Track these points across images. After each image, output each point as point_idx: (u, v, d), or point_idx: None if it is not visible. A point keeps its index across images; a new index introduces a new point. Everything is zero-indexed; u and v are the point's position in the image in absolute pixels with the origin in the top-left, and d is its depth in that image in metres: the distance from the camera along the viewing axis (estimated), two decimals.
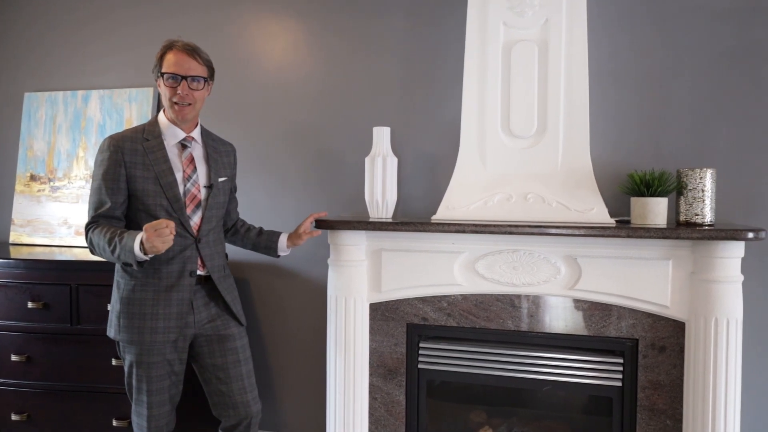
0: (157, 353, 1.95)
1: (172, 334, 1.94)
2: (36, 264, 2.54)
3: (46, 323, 2.54)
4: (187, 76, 1.92)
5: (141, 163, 1.92)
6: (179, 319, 1.94)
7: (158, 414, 1.99)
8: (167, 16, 3.00)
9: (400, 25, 2.69)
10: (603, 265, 2.17)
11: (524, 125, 2.34)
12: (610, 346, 2.21)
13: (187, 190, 1.96)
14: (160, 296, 1.92)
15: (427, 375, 2.39)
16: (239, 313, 2.09)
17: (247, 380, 2.08)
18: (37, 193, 3.12)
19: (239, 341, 2.08)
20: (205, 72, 1.98)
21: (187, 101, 1.94)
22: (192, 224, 1.97)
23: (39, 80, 3.20)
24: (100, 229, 1.86)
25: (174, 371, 2.01)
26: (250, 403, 2.08)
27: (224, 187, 2.09)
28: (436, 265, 2.32)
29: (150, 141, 1.96)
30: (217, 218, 2.07)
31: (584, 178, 2.27)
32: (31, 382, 2.56)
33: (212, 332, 2.03)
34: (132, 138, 1.96)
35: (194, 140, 2.04)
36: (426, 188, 2.65)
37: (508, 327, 2.29)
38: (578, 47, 2.29)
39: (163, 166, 1.94)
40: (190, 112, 1.96)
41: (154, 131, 1.98)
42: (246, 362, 2.09)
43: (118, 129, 3.00)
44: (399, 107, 2.69)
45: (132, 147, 1.93)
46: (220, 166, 2.09)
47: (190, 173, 1.98)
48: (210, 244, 2.03)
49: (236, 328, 2.08)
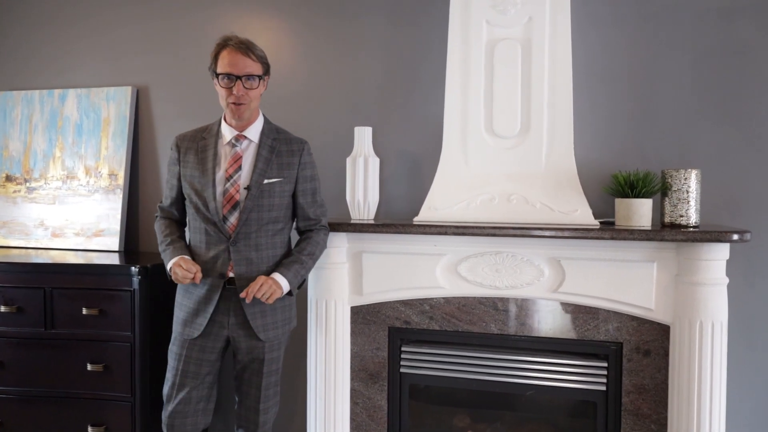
0: (179, 346, 1.99)
1: (189, 329, 1.96)
2: (8, 267, 2.48)
3: (19, 327, 2.47)
4: (242, 75, 1.89)
5: (192, 162, 1.99)
6: (202, 317, 1.94)
7: (182, 410, 1.98)
8: (147, 15, 2.94)
9: (382, 23, 2.65)
10: (587, 267, 2.13)
11: (507, 125, 2.30)
12: (595, 350, 2.18)
13: (225, 190, 1.94)
14: (192, 291, 1.97)
15: (409, 379, 2.35)
16: (257, 328, 1.97)
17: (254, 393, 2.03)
18: (13, 194, 3.05)
19: (248, 356, 2.00)
20: (260, 69, 1.94)
21: (244, 101, 1.92)
22: (227, 225, 1.93)
23: (14, 79, 3.12)
24: (159, 224, 2.10)
25: (197, 373, 1.98)
26: (251, 416, 2.05)
27: (274, 189, 1.97)
28: (418, 268, 2.27)
29: (205, 140, 2.00)
30: (260, 222, 1.95)
31: (568, 178, 2.23)
32: (4, 388, 2.49)
33: (236, 338, 1.99)
34: (192, 137, 2.04)
35: (246, 139, 1.98)
36: (409, 189, 2.61)
37: (491, 330, 2.25)
38: (562, 46, 2.26)
39: (206, 165, 1.95)
40: (246, 111, 1.95)
41: (213, 130, 2.03)
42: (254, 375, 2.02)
43: (95, 129, 2.94)
44: (381, 107, 2.65)
45: (188, 146, 2.02)
46: (273, 166, 1.98)
47: (232, 173, 1.95)
48: (249, 247, 1.95)
49: (249, 342, 1.98)
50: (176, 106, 2.90)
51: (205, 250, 1.97)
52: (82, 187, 2.93)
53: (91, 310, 2.40)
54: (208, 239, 1.97)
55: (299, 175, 2.04)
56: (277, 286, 1.91)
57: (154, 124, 2.94)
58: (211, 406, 2.09)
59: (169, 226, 2.09)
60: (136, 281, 2.38)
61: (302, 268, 2.00)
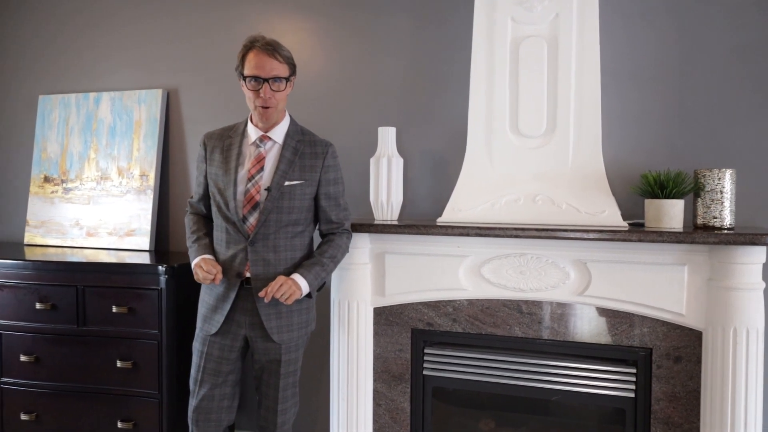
0: (201, 342, 2.02)
1: (208, 325, 1.99)
2: (44, 265, 2.56)
3: (53, 324, 2.55)
4: (269, 78, 1.89)
5: (217, 160, 2.01)
6: (219, 314, 1.97)
7: (206, 406, 2.01)
8: (174, 18, 2.99)
9: (406, 22, 2.63)
10: (615, 270, 2.07)
11: (533, 124, 2.25)
12: (623, 355, 2.11)
13: (246, 190, 1.95)
14: (213, 288, 2.00)
15: (432, 382, 2.33)
16: (272, 329, 1.96)
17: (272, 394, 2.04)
18: (51, 194, 3.15)
19: (264, 356, 2.01)
20: (286, 71, 1.94)
21: (271, 104, 1.92)
22: (247, 225, 1.95)
23: (52, 83, 3.23)
24: (188, 219, 2.14)
25: (217, 370, 2.01)
26: (270, 417, 2.05)
27: (295, 191, 1.96)
28: (441, 269, 2.25)
29: (231, 138, 2.02)
30: (279, 223, 1.95)
31: (596, 178, 2.18)
32: (39, 383, 2.58)
33: (253, 338, 2.01)
34: (220, 135, 2.06)
35: (270, 140, 1.99)
36: (433, 190, 2.58)
37: (515, 334, 2.21)
38: (590, 43, 2.20)
39: (230, 165, 1.98)
40: (273, 113, 1.95)
41: (239, 129, 2.04)
42: (272, 375, 2.03)
43: (128, 131, 3.01)
44: (405, 107, 2.63)
45: (215, 144, 2.04)
46: (296, 168, 1.97)
47: (254, 173, 1.96)
48: (267, 248, 1.96)
49: (265, 343, 1.99)
50: (205, 107, 2.95)
51: (225, 248, 1.99)
52: (115, 187, 3.01)
53: (121, 308, 2.45)
54: (228, 238, 1.99)
55: (322, 178, 2.02)
56: (296, 287, 1.91)
57: (184, 126, 3.00)
58: (235, 404, 2.10)
59: (196, 222, 2.12)
60: (163, 280, 2.42)
61: (323, 270, 1.99)
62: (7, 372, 2.61)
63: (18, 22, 3.29)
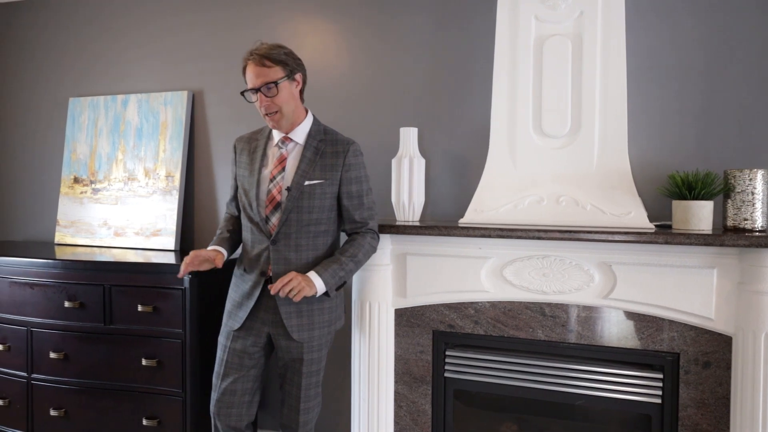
0: (225, 337, 2.07)
1: (232, 321, 2.04)
2: (72, 264, 2.61)
3: (81, 322, 2.60)
4: (260, 87, 1.91)
5: (244, 162, 2.07)
6: (243, 311, 2.01)
7: (228, 400, 2.05)
8: (199, 21, 3.03)
9: (428, 22, 2.62)
10: (641, 272, 2.02)
11: (557, 124, 2.22)
12: (649, 360, 2.07)
13: (268, 191, 1.99)
14: (239, 285, 2.06)
15: (453, 384, 2.31)
16: (291, 328, 1.97)
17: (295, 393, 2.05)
18: (80, 195, 3.22)
19: (287, 354, 2.03)
20: (279, 73, 1.92)
21: (270, 110, 1.94)
22: (269, 225, 1.98)
23: (82, 85, 3.30)
24: (222, 219, 2.25)
25: (239, 365, 2.04)
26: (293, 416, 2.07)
27: (315, 191, 1.96)
28: (462, 271, 2.23)
29: (257, 141, 2.08)
30: (300, 223, 1.96)
31: (621, 179, 2.13)
32: (68, 380, 2.63)
33: (275, 336, 2.03)
34: (248, 138, 2.12)
35: (291, 141, 2.02)
36: (455, 190, 2.56)
37: (538, 336, 2.18)
38: (615, 41, 2.16)
39: (254, 166, 2.02)
40: (280, 119, 1.97)
41: (265, 132, 2.10)
42: (294, 374, 2.04)
43: (154, 132, 3.06)
44: (427, 107, 2.62)
45: (243, 147, 2.11)
46: (316, 168, 1.98)
47: (276, 174, 1.99)
48: (289, 248, 1.97)
49: (287, 342, 2.01)
50: (229, 108, 2.97)
51: (250, 247, 2.04)
52: (142, 188, 3.06)
53: (146, 307, 2.49)
54: (252, 237, 2.03)
55: (343, 177, 2.00)
56: (307, 284, 1.88)
57: (208, 127, 3.03)
58: (256, 400, 2.13)
59: (226, 221, 2.20)
60: (187, 280, 2.45)
61: (341, 269, 1.97)
62: (38, 368, 2.67)
63: (49, 27, 3.37)
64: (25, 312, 2.69)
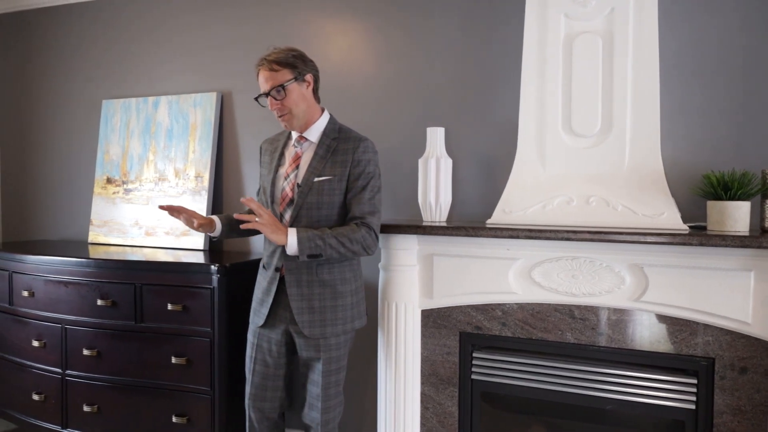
0: (252, 334, 2.14)
1: (257, 318, 2.10)
2: (104, 263, 2.66)
3: (113, 320, 2.65)
4: (269, 91, 1.97)
5: (266, 163, 2.16)
6: (265, 307, 2.06)
7: (260, 394, 2.12)
8: (228, 23, 3.06)
9: (455, 21, 2.59)
10: (674, 275, 1.97)
11: (587, 123, 2.18)
12: (683, 365, 2.01)
13: (283, 188, 2.05)
14: (260, 282, 2.12)
15: (480, 386, 2.29)
16: (303, 323, 2.00)
17: (315, 392, 2.07)
18: (113, 195, 3.28)
19: (305, 352, 2.05)
20: (287, 75, 1.96)
21: (282, 112, 2.00)
22: (284, 221, 2.03)
23: (115, 88, 3.36)
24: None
25: (266, 361, 2.10)
26: (314, 415, 2.09)
27: (323, 187, 1.99)
28: (489, 272, 2.21)
29: (278, 142, 2.16)
30: (310, 219, 1.99)
31: (654, 179, 2.08)
32: (101, 376, 2.68)
33: (293, 333, 2.06)
34: (272, 140, 2.22)
35: (306, 140, 2.07)
36: (482, 191, 2.54)
37: (567, 339, 2.14)
38: (648, 37, 2.11)
39: (272, 165, 2.10)
40: (291, 120, 2.02)
41: (285, 133, 2.17)
42: (314, 372, 2.06)
43: (183, 133, 3.10)
44: (454, 106, 2.60)
45: (266, 148, 2.20)
46: (327, 165, 2.01)
47: (290, 172, 2.05)
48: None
49: (305, 339, 2.03)
50: (257, 109, 2.99)
51: (267, 243, 2.10)
52: (172, 188, 3.10)
53: (176, 306, 2.52)
54: None
55: (351, 172, 2.00)
56: (273, 230, 1.88)
57: (237, 128, 3.06)
58: (286, 394, 2.18)
59: (246, 212, 2.30)
60: (215, 279, 2.48)
61: (320, 238, 1.91)
62: (72, 365, 2.74)
63: (83, 32, 3.44)
64: (59, 310, 2.75)
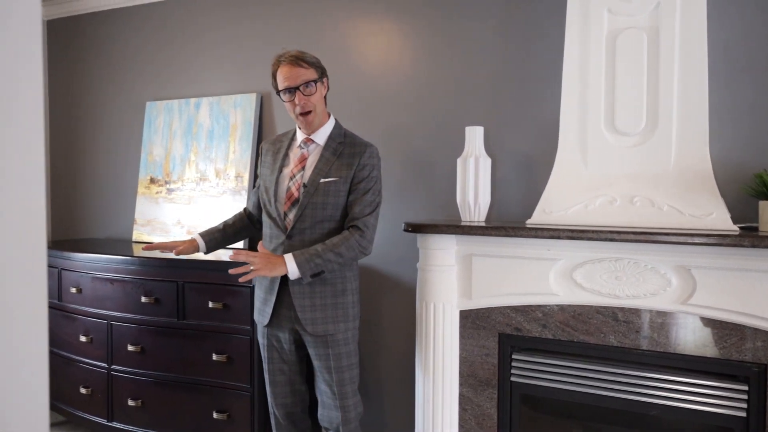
0: (261, 335, 2.17)
1: (261, 317, 2.12)
2: (148, 261, 2.73)
3: (156, 317, 2.71)
4: (299, 85, 1.99)
5: (267, 162, 2.18)
6: (268, 306, 2.08)
7: (281, 392, 2.16)
8: (266, 25, 3.10)
9: (494, 17, 2.56)
10: (723, 277, 1.91)
11: (631, 121, 2.13)
12: (733, 371, 1.95)
13: (288, 188, 2.07)
14: (261, 282, 2.14)
15: (520, 389, 2.26)
16: (305, 321, 2.02)
17: (330, 391, 2.08)
18: (156, 195, 3.36)
19: (314, 349, 2.07)
20: (314, 74, 2.02)
21: (307, 109, 2.02)
22: (287, 221, 2.05)
23: (158, 90, 3.44)
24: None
25: (281, 359, 2.14)
26: (333, 414, 2.09)
27: (329, 188, 2.01)
28: (530, 273, 2.17)
29: (282, 143, 2.18)
30: (314, 218, 2.02)
31: (702, 178, 2.02)
32: (145, 371, 2.75)
33: (299, 331, 2.07)
34: (273, 141, 2.23)
35: (313, 142, 2.09)
36: (522, 191, 2.50)
37: (610, 342, 2.09)
38: (696, 32, 2.04)
39: (275, 165, 2.12)
40: (314, 118, 2.04)
41: (289, 134, 2.19)
42: (324, 371, 2.07)
43: (224, 134, 3.15)
44: (493, 105, 2.57)
45: (268, 148, 2.22)
46: (333, 167, 2.03)
47: (296, 173, 2.07)
48: (304, 243, 2.02)
49: (311, 337, 2.05)
50: None
51: (268, 242, 2.11)
52: (213, 188, 3.16)
53: (216, 304, 2.57)
54: (270, 232, 2.11)
55: (356, 175, 2.04)
56: (267, 265, 1.90)
57: (276, 128, 3.09)
58: (305, 388, 2.22)
59: (234, 215, 2.37)
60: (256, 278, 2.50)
61: (318, 256, 1.93)
62: (117, 360, 2.81)
63: (128, 36, 3.53)
64: (105, 306, 2.83)
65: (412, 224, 2.26)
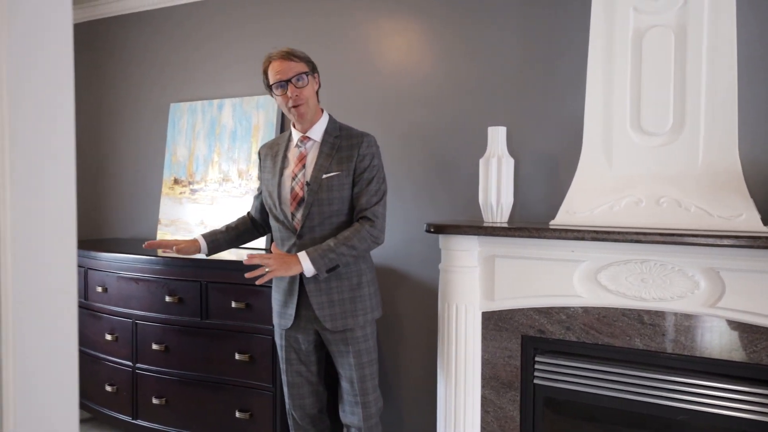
0: (279, 336, 2.17)
1: (283, 321, 2.12)
2: (172, 261, 2.76)
3: (180, 316, 2.74)
4: (291, 77, 2.00)
5: (268, 167, 2.18)
6: (291, 308, 2.08)
7: (297, 393, 2.18)
8: (288, 26, 3.11)
9: (516, 17, 2.54)
10: (753, 280, 1.87)
11: (657, 121, 2.09)
12: (761, 375, 1.90)
13: (292, 188, 2.07)
14: (279, 284, 2.14)
15: (543, 391, 2.24)
16: (324, 318, 2.03)
17: (351, 388, 2.09)
18: (179, 195, 3.40)
19: (333, 346, 2.09)
20: (305, 67, 2.03)
21: (299, 102, 2.02)
22: (295, 221, 2.06)
23: (181, 91, 3.48)
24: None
25: (299, 360, 2.15)
26: (355, 410, 2.10)
27: (333, 183, 2.02)
28: (553, 274, 2.15)
29: (279, 145, 2.18)
30: (322, 215, 2.02)
31: (731, 179, 1.98)
32: (169, 370, 2.78)
33: (319, 330, 2.09)
34: (271, 144, 2.24)
35: (310, 140, 2.09)
36: (545, 191, 2.48)
37: (635, 345, 2.06)
38: (725, 30, 2.00)
39: (276, 168, 2.12)
40: (307, 111, 2.05)
41: (285, 136, 2.19)
42: (345, 368, 2.08)
43: (246, 135, 3.17)
44: (516, 105, 2.54)
45: (266, 152, 2.21)
46: (334, 161, 2.04)
47: (297, 172, 2.07)
48: (315, 241, 2.03)
49: (330, 334, 2.07)
50: None
51: (280, 245, 2.11)
52: (235, 188, 3.18)
53: (239, 304, 2.59)
54: (281, 235, 2.11)
55: (357, 166, 2.04)
56: (282, 265, 1.92)
57: None
58: (322, 389, 2.23)
59: (237, 218, 2.38)
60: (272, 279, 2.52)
61: (331, 251, 1.95)
62: (142, 359, 2.85)
63: (152, 38, 3.58)
64: (130, 305, 2.87)
65: (434, 225, 2.25)
